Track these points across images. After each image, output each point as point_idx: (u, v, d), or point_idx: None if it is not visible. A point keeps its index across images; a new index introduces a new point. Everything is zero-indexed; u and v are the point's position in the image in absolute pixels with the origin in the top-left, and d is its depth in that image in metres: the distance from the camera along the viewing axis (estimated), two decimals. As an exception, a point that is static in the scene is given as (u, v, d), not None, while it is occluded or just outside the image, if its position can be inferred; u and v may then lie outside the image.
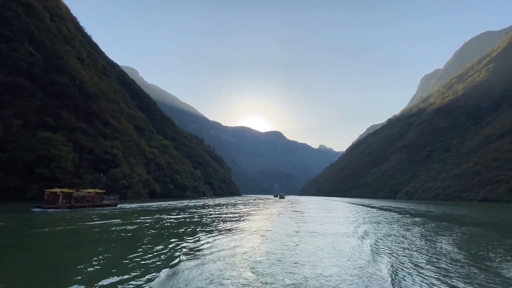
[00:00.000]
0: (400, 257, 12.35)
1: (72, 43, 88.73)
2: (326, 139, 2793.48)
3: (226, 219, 28.10)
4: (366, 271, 9.89)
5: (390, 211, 46.54)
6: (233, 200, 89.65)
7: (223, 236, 17.12)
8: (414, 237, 18.44)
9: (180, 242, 14.64)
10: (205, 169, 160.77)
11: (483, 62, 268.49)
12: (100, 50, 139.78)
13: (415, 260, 11.88)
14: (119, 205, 43.17)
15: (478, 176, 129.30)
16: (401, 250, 13.94)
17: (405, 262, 11.44)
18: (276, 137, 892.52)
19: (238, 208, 47.47)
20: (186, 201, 69.45)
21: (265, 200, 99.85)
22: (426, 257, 12.55)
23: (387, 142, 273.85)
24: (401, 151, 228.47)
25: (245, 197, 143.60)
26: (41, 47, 67.05)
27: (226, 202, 71.55)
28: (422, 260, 11.93)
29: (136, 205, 46.01)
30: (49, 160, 48.74)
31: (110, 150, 69.45)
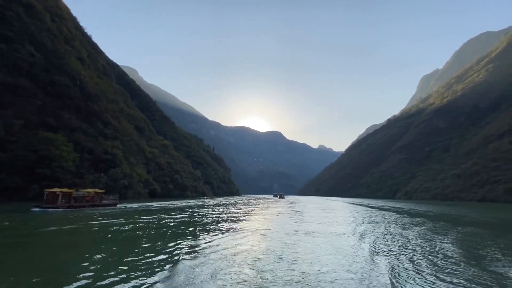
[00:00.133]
0: (397, 254, 12.73)
1: (73, 43, 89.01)
2: (326, 139, 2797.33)
3: (226, 219, 28.48)
4: (363, 268, 10.27)
5: (389, 211, 46.98)
6: (233, 200, 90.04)
7: (223, 236, 17.48)
8: (412, 236, 18.84)
9: (180, 242, 14.78)
10: (205, 169, 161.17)
11: (482, 63, 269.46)
12: (100, 50, 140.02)
13: (411, 257, 12.26)
14: (119, 205, 43.32)
15: (477, 176, 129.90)
16: (398, 248, 14.32)
17: (402, 259, 11.82)
18: (276, 137, 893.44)
19: (238, 208, 47.84)
20: (186, 201, 69.83)
21: (265, 200, 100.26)
22: (423, 255, 12.92)
23: (386, 142, 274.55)
24: (400, 151, 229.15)
25: (245, 197, 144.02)
26: (42, 47, 67.34)
27: (226, 202, 71.94)
28: (419, 258, 12.31)
29: (136, 205, 46.18)
30: (50, 160, 49.08)
31: (111, 150, 69.78)
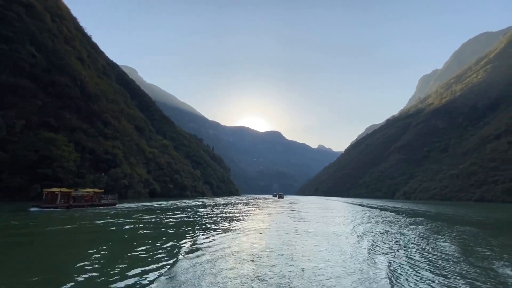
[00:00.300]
0: (393, 252, 13.25)
1: (73, 44, 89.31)
2: (326, 139, 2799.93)
3: (226, 219, 28.98)
4: (361, 264, 10.78)
5: (387, 211, 47.56)
6: (232, 200, 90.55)
7: (223, 235, 17.94)
8: (409, 236, 19.32)
9: (180, 241, 14.92)
10: (204, 169, 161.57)
11: (481, 63, 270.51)
12: (100, 50, 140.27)
13: (407, 255, 12.77)
14: (118, 205, 43.48)
15: (475, 177, 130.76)
16: (394, 246, 14.84)
17: (397, 256, 12.34)
18: (275, 137, 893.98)
19: (237, 208, 48.34)
20: (186, 201, 70.28)
21: (264, 200, 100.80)
22: (420, 254, 13.40)
23: (385, 143, 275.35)
24: (399, 152, 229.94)
25: (244, 197, 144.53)
26: (43, 48, 67.68)
27: (225, 202, 72.43)
28: (416, 256, 12.79)
29: (135, 205, 46.32)
30: (52, 160, 49.47)
31: (111, 150, 70.18)
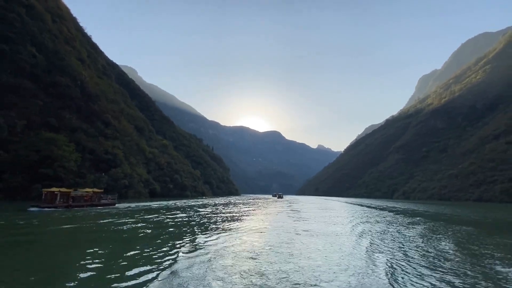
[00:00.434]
0: (390, 250, 13.65)
1: (73, 44, 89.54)
2: (325, 139, 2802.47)
3: (226, 218, 29.36)
4: (357, 262, 11.17)
5: (386, 211, 47.99)
6: (232, 200, 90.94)
7: (223, 234, 18.31)
8: (408, 235, 19.70)
9: (180, 241, 15.02)
10: (204, 169, 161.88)
11: (480, 63, 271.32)
12: (100, 50, 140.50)
13: (404, 253, 13.17)
14: (117, 205, 43.47)
15: (474, 177, 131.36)
16: (392, 244, 15.25)
17: (394, 254, 12.73)
18: (275, 137, 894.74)
19: (237, 208, 48.72)
20: (186, 201, 70.63)
21: (264, 200, 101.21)
22: (417, 253, 13.77)
23: (385, 143, 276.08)
24: (398, 152, 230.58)
25: (244, 197, 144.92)
26: (43, 48, 67.94)
27: (225, 202, 72.81)
28: (413, 255, 13.17)
29: (134, 205, 46.36)
30: (53, 160, 49.77)
31: (111, 150, 70.48)
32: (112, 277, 8.60)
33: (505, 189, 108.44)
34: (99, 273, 8.97)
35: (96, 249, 12.48)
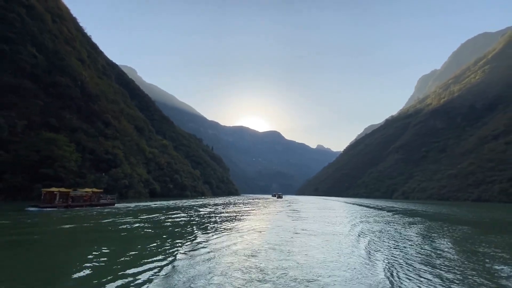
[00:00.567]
0: (388, 248, 13.94)
1: (73, 44, 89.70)
2: (325, 139, 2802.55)
3: (226, 218, 29.62)
4: (354, 258, 11.45)
5: (386, 211, 48.29)
6: (232, 200, 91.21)
7: (223, 233, 18.56)
8: (406, 235, 19.97)
9: (180, 240, 15.09)
10: (204, 169, 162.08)
11: (479, 64, 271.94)
12: (100, 50, 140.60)
13: (401, 251, 13.45)
14: (117, 205, 43.46)
15: (473, 177, 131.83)
16: (389, 242, 15.53)
17: (392, 251, 13.03)
18: (275, 137, 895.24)
19: (237, 207, 48.99)
20: (185, 201, 70.85)
21: (263, 200, 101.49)
22: (415, 252, 14.04)
23: (384, 143, 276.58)
24: (398, 152, 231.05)
25: (244, 197, 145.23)
26: (44, 49, 68.12)
27: (225, 202, 73.06)
28: (410, 253, 13.43)
29: (133, 205, 46.32)
30: (53, 160, 49.96)
31: (111, 150, 70.68)
32: (112, 277, 8.59)
33: (504, 189, 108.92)
34: (99, 273, 8.98)
35: (96, 249, 12.49)
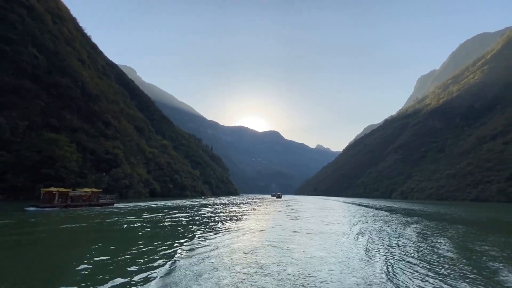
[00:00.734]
0: (384, 245, 14.40)
1: (73, 45, 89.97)
2: (324, 139, 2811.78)
3: (226, 217, 30.06)
4: (351, 255, 11.91)
5: (384, 210, 48.79)
6: (231, 200, 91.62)
7: (223, 232, 18.97)
8: (404, 234, 20.40)
9: (179, 240, 15.14)
10: (204, 169, 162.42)
11: (478, 64, 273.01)
12: (100, 51, 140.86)
13: (398, 249, 13.91)
14: (116, 205, 43.48)
15: (471, 177, 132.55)
16: (387, 240, 16.00)
17: (390, 249, 13.49)
18: (274, 137, 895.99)
19: (237, 207, 49.42)
20: (185, 200, 71.21)
21: (263, 200, 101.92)
22: (413, 251, 14.46)
23: (383, 143, 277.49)
24: (397, 152, 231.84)
25: (243, 197, 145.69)
26: (44, 49, 68.38)
27: (225, 202, 73.45)
28: (407, 252, 13.86)
29: (133, 205, 46.29)
30: (54, 161, 50.32)
31: (112, 150, 71.04)
32: (112, 277, 8.60)
33: (502, 189, 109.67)
34: (99, 273, 8.99)
35: (95, 249, 12.54)
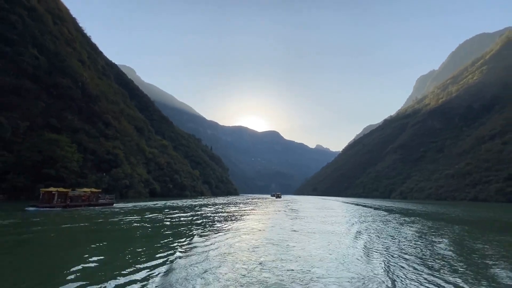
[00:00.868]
0: (381, 244, 14.80)
1: (73, 45, 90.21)
2: (324, 139, 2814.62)
3: (226, 217, 30.43)
4: (349, 252, 12.30)
5: (383, 210, 49.23)
6: (231, 199, 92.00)
7: (223, 232, 19.30)
8: (402, 233, 20.74)
9: (179, 239, 15.22)
10: (203, 169, 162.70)
11: (477, 64, 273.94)
12: (99, 51, 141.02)
13: (396, 247, 14.29)
14: (115, 204, 43.51)
15: (470, 177, 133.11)
16: (385, 239, 16.39)
17: (388, 248, 13.87)
18: (274, 137, 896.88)
19: (236, 207, 49.80)
20: (185, 200, 71.52)
21: (262, 200, 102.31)
22: (411, 250, 14.79)
23: (382, 143, 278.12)
24: (396, 152, 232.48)
25: (243, 197, 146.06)
26: (45, 50, 68.66)
27: (225, 201, 73.81)
28: (405, 251, 14.21)
29: (132, 205, 46.26)
30: (55, 161, 50.63)
31: (112, 151, 71.36)
32: (112, 277, 8.61)
33: (500, 189, 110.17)
34: (98, 273, 9.02)
35: (95, 249, 12.56)
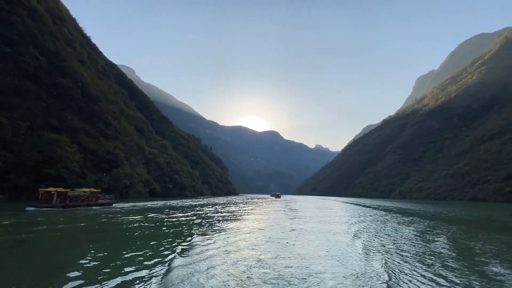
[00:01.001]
0: (380, 243, 15.08)
1: (73, 45, 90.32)
2: (323, 139, 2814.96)
3: (225, 217, 30.71)
4: (348, 251, 12.57)
5: (382, 210, 49.56)
6: (231, 199, 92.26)
7: (223, 231, 19.53)
8: (401, 233, 21.02)
9: (179, 239, 15.28)
10: (203, 169, 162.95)
11: (476, 64, 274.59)
12: (99, 51, 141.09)
13: (394, 246, 14.56)
14: (115, 204, 43.50)
15: (468, 177, 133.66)
16: (380, 236, 16.68)
17: (387, 246, 14.15)
18: (273, 137, 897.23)
19: (236, 207, 50.08)
20: (185, 200, 71.78)
21: (262, 200, 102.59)
22: (410, 249, 15.04)
23: (382, 143, 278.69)
24: (395, 152, 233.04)
25: (242, 197, 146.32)
26: (45, 50, 68.78)
27: (224, 201, 74.08)
28: (403, 250, 14.46)
29: (131, 205, 46.19)
30: (56, 161, 50.83)
31: (112, 151, 71.57)
32: (111, 277, 8.60)
33: (498, 189, 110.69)
34: (98, 273, 9.01)
35: (94, 249, 12.57)
